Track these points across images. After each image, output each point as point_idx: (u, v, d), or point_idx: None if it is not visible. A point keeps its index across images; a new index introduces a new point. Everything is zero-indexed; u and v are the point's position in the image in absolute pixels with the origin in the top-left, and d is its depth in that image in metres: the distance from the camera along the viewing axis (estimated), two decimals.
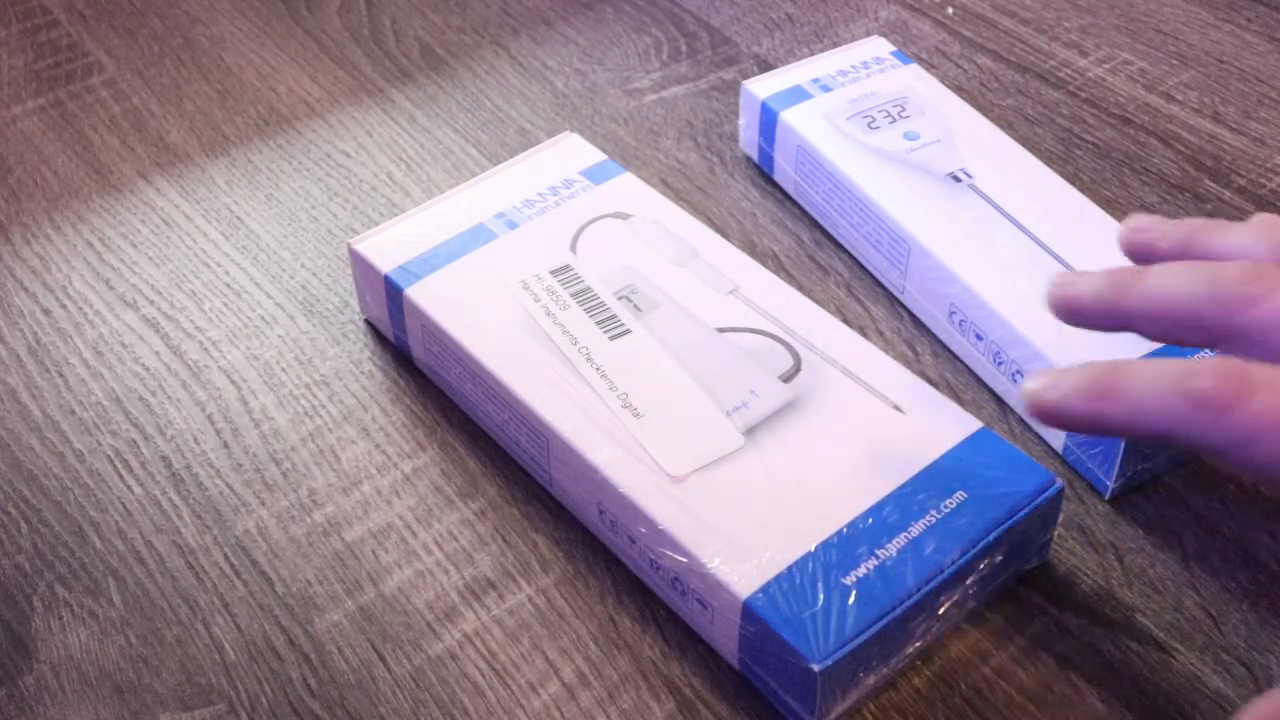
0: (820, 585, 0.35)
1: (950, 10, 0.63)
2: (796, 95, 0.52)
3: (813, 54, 0.61)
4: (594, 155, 0.49)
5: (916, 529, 0.37)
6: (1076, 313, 0.35)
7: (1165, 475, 0.42)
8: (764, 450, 0.39)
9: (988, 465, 0.38)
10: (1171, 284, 0.33)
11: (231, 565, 0.41)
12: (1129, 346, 0.42)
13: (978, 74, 0.59)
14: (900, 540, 0.36)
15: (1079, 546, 0.41)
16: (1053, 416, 0.33)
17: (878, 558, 0.36)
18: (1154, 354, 0.41)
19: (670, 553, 0.37)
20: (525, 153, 0.50)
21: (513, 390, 0.41)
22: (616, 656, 0.38)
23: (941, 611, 0.37)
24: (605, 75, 0.60)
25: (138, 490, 0.43)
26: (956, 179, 0.48)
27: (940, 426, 0.40)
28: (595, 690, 0.38)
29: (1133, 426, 0.32)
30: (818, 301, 0.45)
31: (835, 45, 0.61)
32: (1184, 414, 0.30)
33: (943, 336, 0.47)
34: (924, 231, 0.46)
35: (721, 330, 0.42)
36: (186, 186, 0.54)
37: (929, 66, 0.59)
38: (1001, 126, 0.52)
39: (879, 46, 0.55)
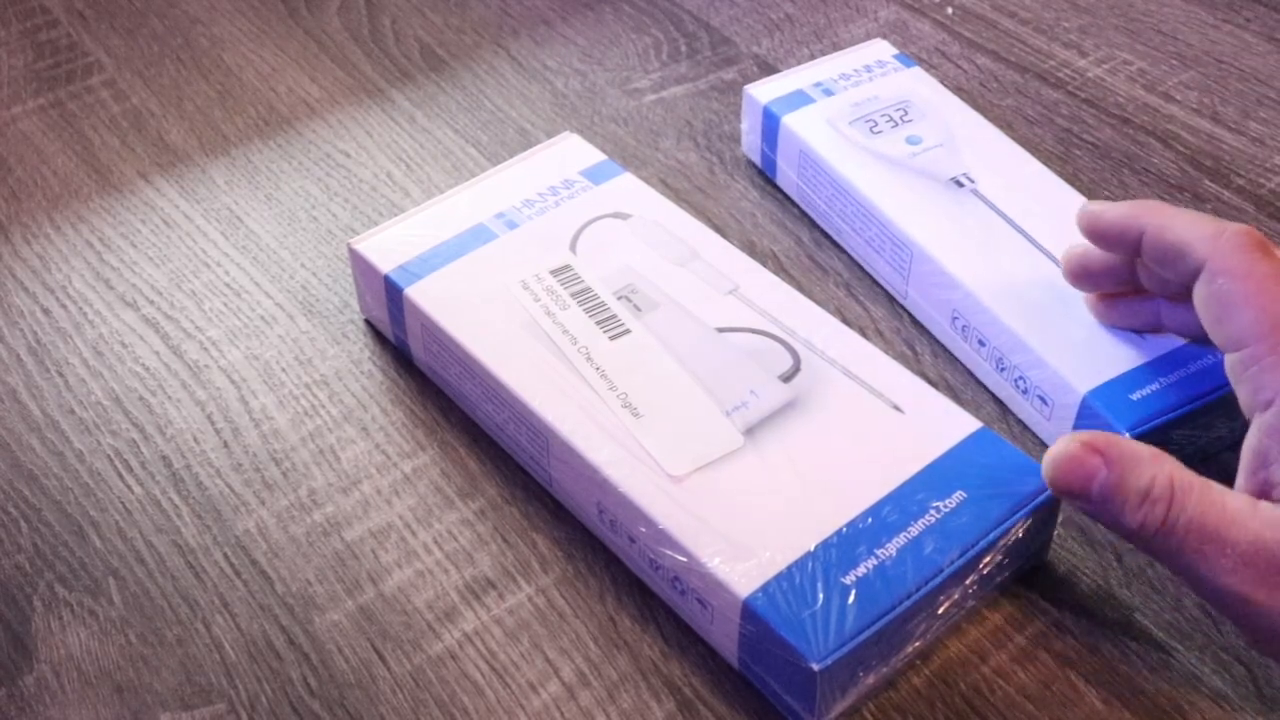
0: (820, 585, 0.35)
1: (950, 10, 0.63)
2: (799, 100, 0.52)
3: (812, 54, 0.61)
4: (594, 155, 0.49)
5: (916, 529, 0.37)
6: (1101, 226, 0.41)
7: None
8: (764, 450, 0.39)
9: (987, 465, 0.38)
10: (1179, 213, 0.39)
11: (231, 565, 0.41)
12: (1123, 340, 0.42)
13: (977, 74, 0.59)
14: (900, 540, 0.36)
15: (1079, 546, 0.41)
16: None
17: (877, 557, 0.36)
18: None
19: (670, 552, 0.37)
20: (525, 153, 0.50)
21: (512, 390, 0.41)
22: (616, 656, 0.38)
23: (941, 611, 0.37)
24: (605, 75, 0.60)
25: (138, 490, 0.43)
26: (959, 184, 0.48)
27: (940, 426, 0.40)
28: (595, 690, 0.38)
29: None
30: (817, 301, 0.45)
31: (835, 45, 0.61)
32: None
33: (945, 341, 0.47)
34: (926, 236, 0.46)
35: (721, 330, 0.42)
36: (186, 186, 0.55)
37: (929, 67, 0.59)
38: (1001, 127, 0.52)
39: (881, 49, 0.55)
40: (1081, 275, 0.43)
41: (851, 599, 0.35)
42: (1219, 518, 0.34)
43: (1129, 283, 0.42)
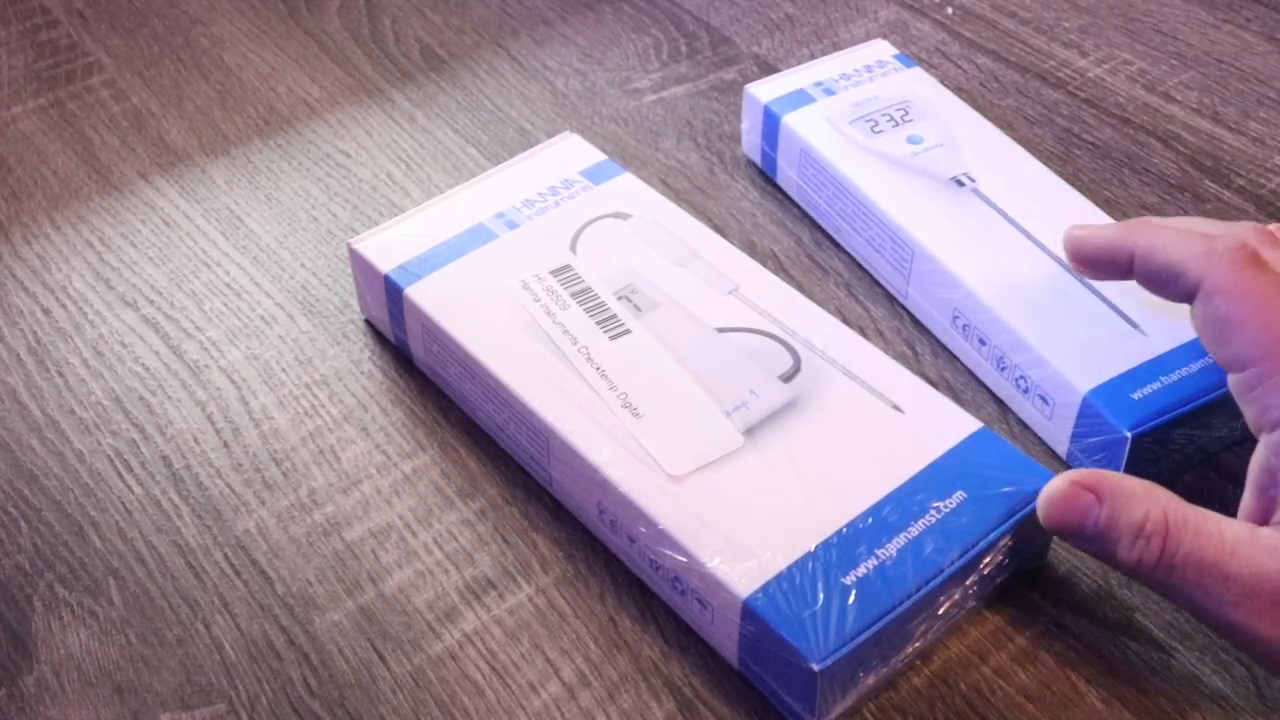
0: (820, 585, 0.35)
1: (950, 10, 0.63)
2: (799, 99, 0.52)
3: (812, 54, 0.61)
4: (594, 155, 0.49)
5: (916, 529, 0.37)
6: (1087, 252, 0.41)
7: (1171, 479, 0.42)
8: (764, 450, 0.39)
9: (987, 465, 0.38)
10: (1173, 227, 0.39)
11: (231, 565, 0.41)
12: (1124, 339, 0.42)
13: (977, 74, 0.59)
14: (900, 540, 0.36)
15: None
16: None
17: (877, 558, 0.36)
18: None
19: (670, 552, 0.37)
20: (525, 153, 0.50)
21: (512, 390, 0.41)
22: (616, 656, 0.38)
23: (941, 611, 0.37)
24: (605, 75, 0.60)
25: (138, 490, 0.43)
26: (960, 183, 0.48)
27: (940, 426, 0.40)
28: (595, 690, 0.38)
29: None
30: (818, 301, 0.45)
31: (835, 45, 0.61)
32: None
33: (945, 341, 0.47)
34: (927, 236, 0.46)
35: (721, 330, 0.42)
36: (186, 186, 0.55)
37: (929, 67, 0.59)
38: (1001, 127, 0.52)
39: (882, 49, 0.55)
40: (1084, 264, 0.42)
41: (852, 599, 0.35)
42: (1218, 550, 0.33)
43: (1129, 275, 0.41)
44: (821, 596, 0.35)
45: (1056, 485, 0.36)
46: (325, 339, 0.48)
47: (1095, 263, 0.40)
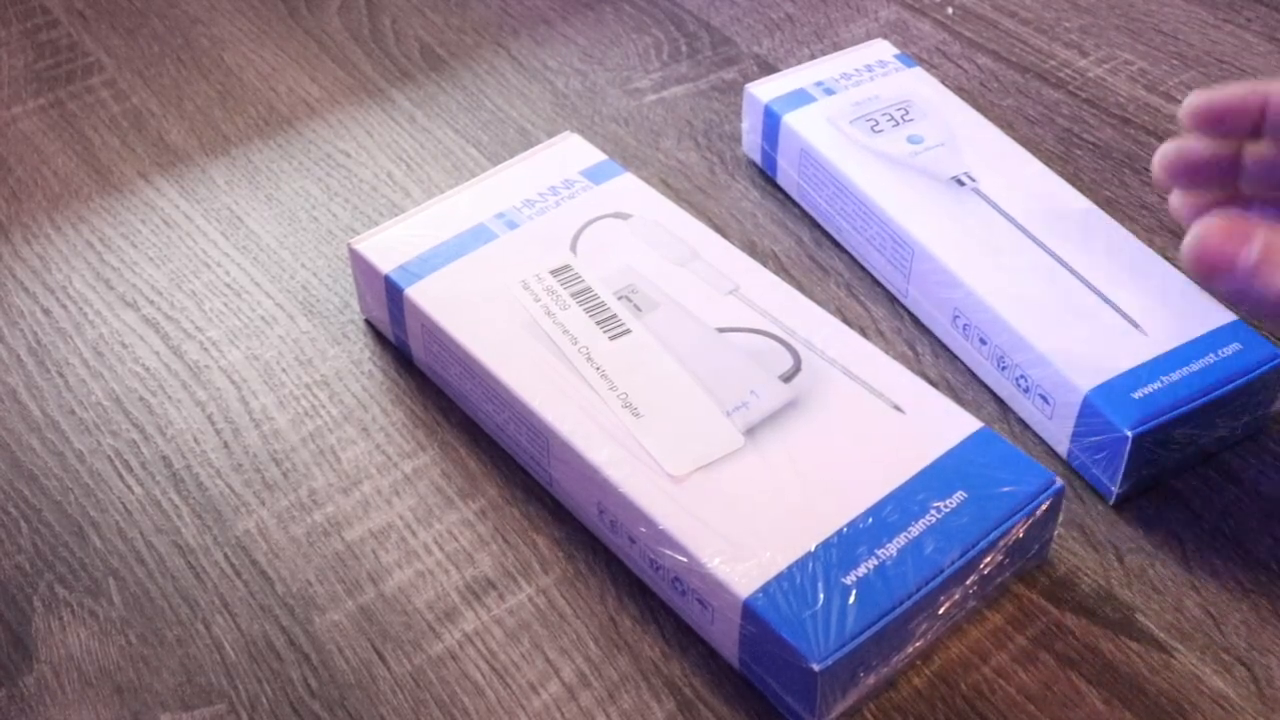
0: (820, 585, 0.35)
1: (950, 10, 0.63)
2: (800, 99, 0.52)
3: (813, 54, 0.61)
4: (594, 155, 0.49)
5: (916, 529, 0.37)
6: (1217, 107, 0.38)
7: (1171, 479, 0.42)
8: (764, 450, 0.39)
9: (988, 465, 0.38)
10: None
11: (231, 565, 0.41)
12: (1125, 338, 0.42)
13: (978, 74, 0.59)
14: (900, 540, 0.36)
15: (1079, 546, 0.41)
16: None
17: (878, 558, 0.36)
18: None
19: (670, 552, 0.37)
20: (525, 153, 0.50)
21: (513, 390, 0.41)
22: (616, 656, 0.38)
23: (941, 611, 0.37)
24: (605, 75, 0.60)
25: (138, 490, 0.43)
26: (960, 183, 0.48)
27: (940, 426, 0.40)
28: (595, 690, 0.38)
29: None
30: (818, 301, 0.45)
31: (835, 45, 0.61)
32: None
33: (946, 340, 0.47)
34: (927, 235, 0.46)
35: (721, 330, 0.42)
36: (186, 186, 0.55)
37: (929, 67, 0.59)
38: (1001, 127, 0.52)
39: (882, 49, 0.55)
40: (1178, 169, 0.39)
41: (852, 599, 0.35)
42: None
43: (1228, 183, 0.39)
44: (822, 596, 0.35)
45: (1210, 220, 0.33)
46: (325, 339, 0.48)
47: (1224, 116, 0.38)
